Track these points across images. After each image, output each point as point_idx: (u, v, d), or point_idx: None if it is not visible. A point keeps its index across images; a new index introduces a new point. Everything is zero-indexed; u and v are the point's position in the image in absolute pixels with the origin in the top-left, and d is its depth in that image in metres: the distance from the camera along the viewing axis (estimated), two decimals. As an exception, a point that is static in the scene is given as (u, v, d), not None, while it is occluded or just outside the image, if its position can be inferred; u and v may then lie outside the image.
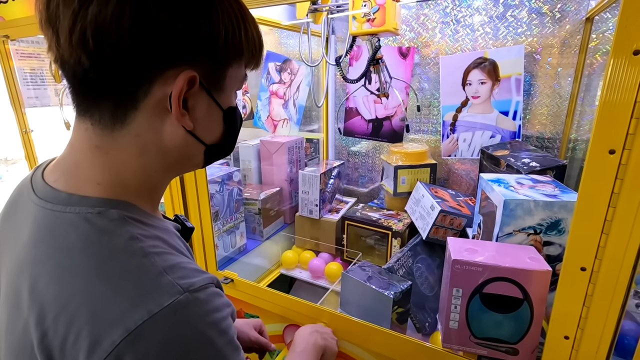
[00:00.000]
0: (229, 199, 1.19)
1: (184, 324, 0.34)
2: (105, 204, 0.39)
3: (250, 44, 0.42)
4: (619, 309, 0.51)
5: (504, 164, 0.99)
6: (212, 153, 0.46)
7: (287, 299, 0.92)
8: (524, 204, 0.72)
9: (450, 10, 1.22)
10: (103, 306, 0.33)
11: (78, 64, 0.35)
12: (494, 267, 0.65)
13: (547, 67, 1.13)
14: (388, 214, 1.27)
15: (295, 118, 1.54)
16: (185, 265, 0.39)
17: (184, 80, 0.37)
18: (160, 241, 0.40)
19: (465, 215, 1.06)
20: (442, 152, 1.30)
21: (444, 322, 0.71)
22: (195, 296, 0.35)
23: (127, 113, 0.38)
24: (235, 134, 0.49)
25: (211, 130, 0.44)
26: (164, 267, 0.36)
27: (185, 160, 0.45)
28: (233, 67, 0.42)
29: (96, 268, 0.35)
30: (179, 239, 0.48)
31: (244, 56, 0.43)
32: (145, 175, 0.42)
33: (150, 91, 0.38)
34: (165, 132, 0.40)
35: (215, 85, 0.41)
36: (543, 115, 1.17)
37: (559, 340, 0.57)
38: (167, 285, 0.35)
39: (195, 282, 0.36)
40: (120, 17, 0.33)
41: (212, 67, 0.40)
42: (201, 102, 0.41)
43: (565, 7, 1.06)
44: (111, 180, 0.40)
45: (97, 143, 0.39)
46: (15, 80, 1.34)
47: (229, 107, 0.45)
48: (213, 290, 0.38)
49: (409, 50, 1.30)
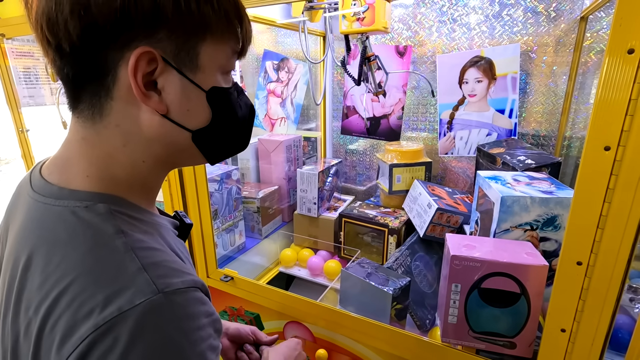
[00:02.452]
0: (227, 197, 1.19)
1: (152, 325, 0.33)
2: (93, 198, 0.38)
3: (219, 15, 0.39)
4: (614, 302, 0.52)
5: (500, 162, 1.00)
6: (204, 140, 0.43)
7: (287, 296, 0.92)
8: (521, 201, 0.73)
9: (447, 9, 1.23)
10: (79, 299, 0.33)
11: (54, 62, 0.37)
12: (492, 263, 0.66)
13: (543, 66, 1.14)
14: (385, 211, 1.28)
15: (292, 117, 1.54)
16: (170, 264, 0.37)
17: (136, 57, 0.35)
18: (150, 236, 0.40)
19: (462, 213, 1.07)
20: (439, 150, 1.32)
21: (443, 317, 0.72)
22: (170, 299, 0.34)
23: (102, 103, 0.38)
24: (235, 120, 0.45)
25: (193, 114, 0.41)
26: (145, 263, 0.35)
27: (174, 150, 0.42)
28: (207, 42, 0.39)
29: (78, 261, 0.35)
30: (176, 236, 0.48)
31: (213, 30, 0.39)
32: (133, 167, 0.41)
33: (117, 77, 0.37)
34: (142, 119, 0.39)
35: (186, 63, 0.38)
36: (538, 113, 1.18)
37: (556, 333, 0.58)
38: (143, 283, 0.34)
39: (174, 283, 0.35)
40: (60, 3, 0.33)
41: (177, 43, 0.37)
42: (172, 82, 0.38)
43: (560, 6, 1.07)
44: (100, 173, 0.40)
45: (83, 135, 0.40)
46: (11, 79, 1.33)
47: (214, 87, 0.41)
48: (193, 296, 0.36)
49: (406, 49, 1.31)
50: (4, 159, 3.66)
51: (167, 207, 1.07)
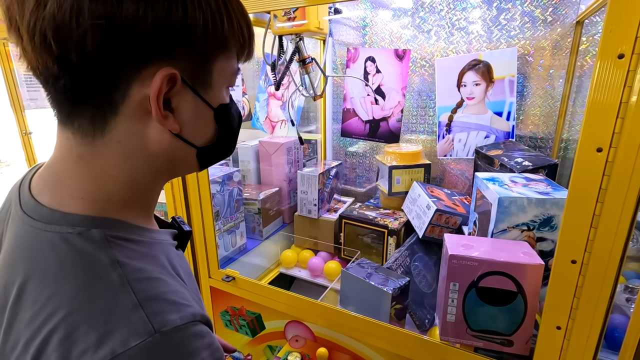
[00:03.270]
0: (229, 198, 1.20)
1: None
2: (87, 223, 0.36)
3: (236, 34, 0.38)
4: (608, 299, 0.53)
5: (498, 164, 1.02)
6: (206, 155, 0.43)
7: (288, 295, 0.94)
8: (518, 202, 0.74)
9: (445, 13, 1.24)
10: (72, 337, 0.31)
11: (46, 70, 0.33)
12: (490, 262, 0.68)
13: (540, 69, 1.16)
14: (384, 212, 1.29)
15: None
16: (169, 296, 0.35)
17: (162, 79, 0.34)
18: (149, 261, 0.38)
19: (461, 214, 1.08)
20: (438, 152, 1.33)
21: (442, 316, 0.73)
22: (167, 338, 0.32)
23: (106, 119, 0.35)
24: (233, 133, 0.45)
25: (201, 132, 0.41)
26: (141, 298, 0.33)
27: (175, 165, 0.42)
28: (220, 60, 0.39)
29: (70, 295, 0.33)
30: (174, 251, 0.46)
31: (230, 47, 0.39)
32: (132, 183, 0.39)
33: (128, 94, 0.34)
34: (150, 137, 0.37)
35: (201, 82, 0.38)
36: (536, 115, 1.20)
37: (552, 331, 0.59)
38: (139, 322, 0.32)
39: (172, 320, 0.33)
40: (80, 13, 0.30)
41: (195, 62, 0.37)
42: (186, 102, 0.37)
43: (557, 10, 1.09)
44: (95, 193, 0.37)
45: (79, 153, 0.37)
46: (15, 82, 1.34)
47: (220, 104, 0.41)
48: (192, 331, 0.34)
49: (405, 53, 1.32)
50: (5, 161, 3.67)
51: (170, 210, 1.08)
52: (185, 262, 0.47)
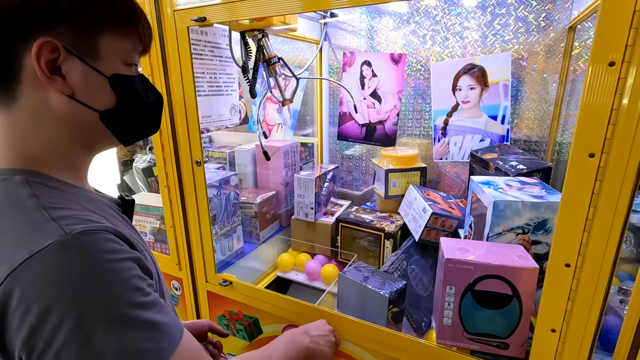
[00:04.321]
0: (226, 202, 1.20)
1: (63, 261, 0.36)
2: (10, 172, 0.43)
3: (112, 14, 0.46)
4: (601, 302, 0.54)
5: (493, 167, 1.03)
6: (111, 120, 0.49)
7: (285, 300, 0.94)
8: (513, 205, 0.75)
9: (440, 18, 1.26)
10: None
11: None
12: (485, 265, 0.68)
13: (533, 73, 1.17)
14: (381, 215, 1.30)
15: (289, 122, 1.56)
16: (82, 216, 0.41)
17: (38, 45, 0.41)
18: (68, 203, 0.43)
19: (456, 217, 1.09)
20: (434, 155, 1.34)
21: (438, 319, 0.74)
22: (78, 238, 0.37)
23: (13, 87, 0.43)
24: (140, 104, 0.51)
25: (97, 96, 0.47)
26: (54, 216, 0.39)
27: (85, 129, 0.48)
28: (106, 36, 0.46)
29: None
30: (115, 211, 0.52)
31: (111, 25, 0.46)
32: (50, 145, 0.46)
33: (23, 63, 0.42)
34: (51, 100, 0.44)
35: (88, 52, 0.45)
36: (530, 119, 1.21)
37: (547, 334, 0.60)
38: (52, 229, 0.37)
39: (84, 227, 0.39)
40: None
41: (77, 35, 0.44)
42: (75, 68, 0.44)
43: (550, 16, 1.10)
44: (18, 152, 0.44)
45: (1, 121, 0.44)
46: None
47: (115, 74, 0.47)
48: (103, 236, 0.39)
49: (400, 57, 1.33)
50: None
51: (167, 213, 1.08)
52: (133, 230, 0.53)
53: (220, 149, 1.51)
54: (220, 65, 1.11)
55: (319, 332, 0.77)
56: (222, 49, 1.09)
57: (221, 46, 1.08)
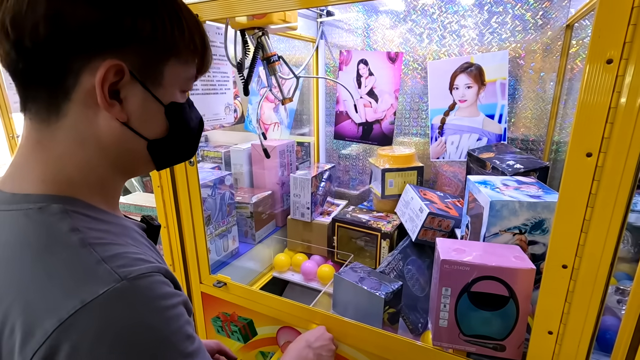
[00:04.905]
0: (220, 202, 1.19)
1: (121, 311, 0.33)
2: (47, 200, 0.38)
3: (187, 42, 0.43)
4: (599, 304, 0.53)
5: (490, 166, 1.02)
6: (158, 149, 0.45)
7: (280, 301, 0.93)
8: (510, 205, 0.74)
9: (437, 16, 1.25)
10: (37, 297, 0.33)
11: (7, 55, 0.37)
12: (482, 267, 0.67)
13: (531, 72, 1.16)
14: (377, 215, 1.29)
15: (286, 122, 1.55)
16: (131, 255, 0.37)
17: (106, 68, 0.37)
18: (110, 234, 0.40)
19: (453, 217, 1.08)
20: (431, 155, 1.33)
21: (434, 321, 0.73)
22: (134, 284, 0.34)
23: (60, 104, 0.39)
24: (188, 133, 0.48)
25: (151, 125, 0.44)
26: (104, 256, 0.35)
27: (129, 156, 0.44)
28: (172, 62, 0.42)
29: (32, 260, 0.34)
30: (142, 237, 0.48)
31: (181, 53, 0.43)
32: (89, 169, 0.42)
33: (79, 81, 0.38)
34: (100, 123, 0.40)
35: (151, 79, 0.41)
36: (527, 118, 1.21)
37: (543, 336, 0.59)
38: (104, 273, 0.34)
39: (137, 270, 0.35)
40: (35, 5, 0.34)
41: (145, 60, 0.40)
42: (135, 95, 0.41)
43: (547, 14, 1.10)
44: (54, 176, 0.40)
45: (37, 138, 0.40)
46: (2, 84, 1.32)
47: (173, 102, 0.44)
48: (157, 279, 0.37)
49: (397, 55, 1.32)
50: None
51: (160, 215, 1.07)
52: (157, 253, 0.49)
53: (215, 149, 1.49)
54: (214, 64, 1.09)
55: (321, 343, 0.78)
56: (216, 47, 1.07)
57: (215, 44, 1.07)
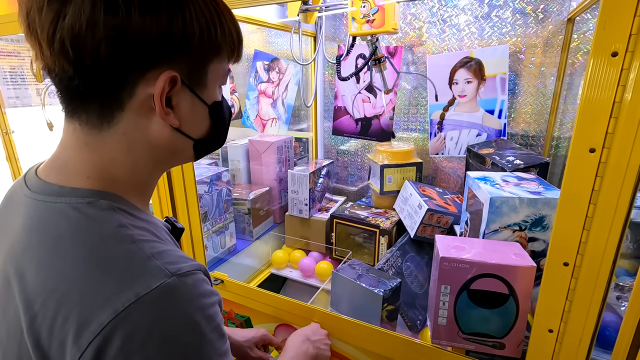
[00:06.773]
0: (217, 199, 1.18)
1: (171, 306, 0.35)
2: (94, 195, 0.40)
3: (227, 39, 0.43)
4: (600, 302, 0.52)
5: (489, 162, 1.01)
6: (202, 147, 0.47)
7: (277, 298, 0.92)
8: (510, 201, 0.73)
9: (437, 10, 1.23)
10: (92, 289, 0.34)
11: (62, 71, 0.37)
12: (481, 264, 0.66)
13: (531, 67, 1.15)
14: (376, 212, 1.28)
15: (284, 117, 1.53)
16: (173, 252, 0.39)
17: (165, 80, 0.38)
18: (149, 232, 0.41)
19: (452, 214, 1.07)
20: (430, 151, 1.32)
21: (433, 319, 0.72)
22: (183, 280, 0.36)
23: (113, 114, 0.40)
24: (225, 127, 0.50)
25: (198, 126, 0.45)
26: (152, 252, 0.37)
27: (174, 155, 0.46)
28: (213, 63, 0.43)
29: (86, 253, 0.36)
30: (170, 236, 0.48)
31: (222, 51, 0.44)
32: (134, 170, 0.43)
33: (134, 92, 0.39)
34: (152, 130, 0.41)
35: (197, 82, 0.43)
36: (527, 113, 1.19)
37: (544, 334, 0.58)
38: (155, 269, 0.36)
39: (183, 267, 0.37)
40: (95, 26, 0.35)
41: (192, 65, 0.41)
42: (185, 100, 0.42)
43: (548, 7, 1.08)
44: (100, 174, 0.41)
45: (86, 141, 0.41)
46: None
47: (214, 101, 0.46)
48: (200, 277, 0.39)
49: (396, 50, 1.31)
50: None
51: (156, 210, 1.05)
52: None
53: (212, 144, 1.48)
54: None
55: (318, 337, 0.80)
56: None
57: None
